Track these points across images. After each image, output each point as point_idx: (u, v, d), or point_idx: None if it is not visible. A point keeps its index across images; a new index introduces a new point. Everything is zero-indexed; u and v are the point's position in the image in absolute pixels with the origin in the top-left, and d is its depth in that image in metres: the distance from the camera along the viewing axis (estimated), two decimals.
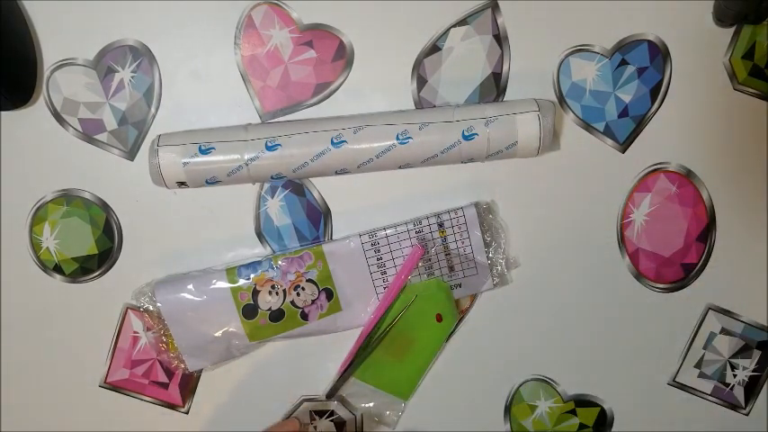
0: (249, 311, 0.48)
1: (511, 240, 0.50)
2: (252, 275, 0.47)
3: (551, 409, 0.52)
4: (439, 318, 0.49)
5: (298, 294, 0.48)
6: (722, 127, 0.49)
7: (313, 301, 0.48)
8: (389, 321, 0.48)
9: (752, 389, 0.52)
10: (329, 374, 0.51)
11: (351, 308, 0.49)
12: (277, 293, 0.48)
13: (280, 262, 0.47)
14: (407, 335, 0.49)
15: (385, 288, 0.49)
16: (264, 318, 0.48)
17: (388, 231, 0.48)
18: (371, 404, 0.51)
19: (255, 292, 0.47)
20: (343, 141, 0.44)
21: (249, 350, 0.50)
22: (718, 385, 0.52)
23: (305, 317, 0.48)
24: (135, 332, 0.50)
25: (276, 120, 0.48)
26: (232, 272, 0.47)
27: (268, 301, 0.48)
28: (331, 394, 0.50)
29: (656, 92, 0.48)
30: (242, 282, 0.47)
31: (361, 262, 0.48)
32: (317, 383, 0.51)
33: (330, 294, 0.48)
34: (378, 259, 0.48)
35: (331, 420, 0.52)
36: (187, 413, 0.52)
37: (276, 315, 0.48)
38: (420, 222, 0.48)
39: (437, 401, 0.52)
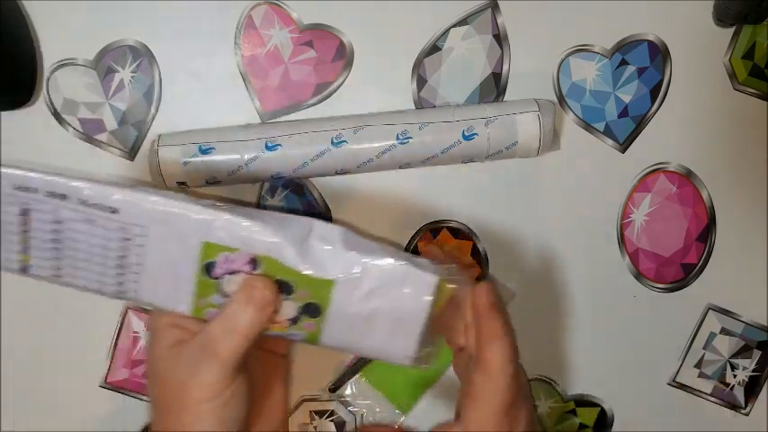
0: None
1: (511, 241, 0.50)
2: None
3: (551, 409, 0.52)
4: None
5: None
6: (722, 127, 0.48)
7: None
8: None
9: (752, 389, 0.52)
10: (330, 375, 0.51)
11: None
12: None
13: None
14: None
15: None
16: None
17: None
18: (370, 408, 0.51)
19: None
20: (343, 141, 0.44)
21: None
22: (718, 385, 0.51)
23: None
24: (135, 332, 0.50)
25: (276, 120, 0.48)
26: None
27: None
28: (335, 388, 0.50)
29: (656, 92, 0.48)
30: None
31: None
32: (317, 383, 0.51)
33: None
34: None
35: (331, 420, 0.52)
36: None
37: None
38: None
39: (437, 401, 0.52)
